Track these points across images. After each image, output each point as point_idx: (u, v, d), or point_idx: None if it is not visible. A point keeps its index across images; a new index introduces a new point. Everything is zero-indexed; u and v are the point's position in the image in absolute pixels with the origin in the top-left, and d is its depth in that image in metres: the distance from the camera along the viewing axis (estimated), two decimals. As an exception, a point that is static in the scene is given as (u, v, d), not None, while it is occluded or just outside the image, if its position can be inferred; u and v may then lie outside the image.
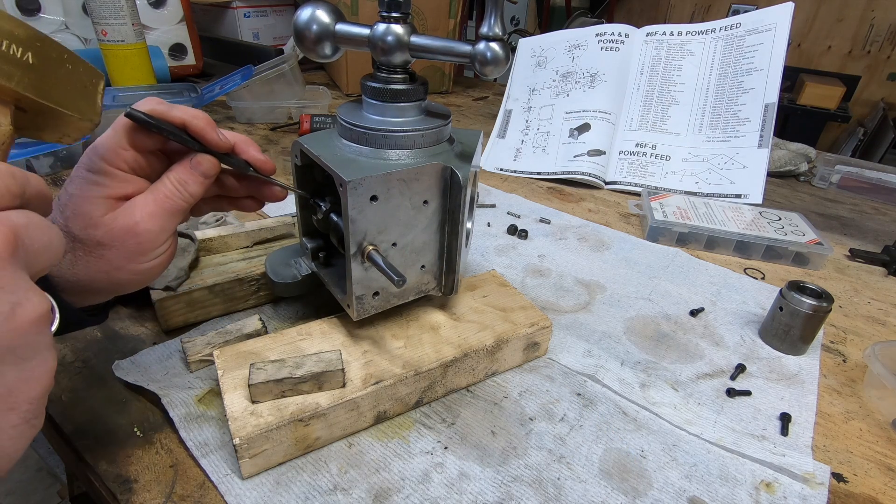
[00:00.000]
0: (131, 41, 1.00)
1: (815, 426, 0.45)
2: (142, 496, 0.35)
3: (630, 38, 0.97)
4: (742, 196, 0.84)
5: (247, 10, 1.54)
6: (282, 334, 0.44)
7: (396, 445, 0.40)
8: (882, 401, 0.47)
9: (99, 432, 0.40)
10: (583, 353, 0.51)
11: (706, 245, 0.72)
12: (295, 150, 0.45)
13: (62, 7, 1.15)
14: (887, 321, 0.60)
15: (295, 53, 1.13)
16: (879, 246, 0.75)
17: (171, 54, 1.29)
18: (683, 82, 0.93)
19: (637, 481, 0.39)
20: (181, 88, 0.99)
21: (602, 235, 0.74)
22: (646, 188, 0.86)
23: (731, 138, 0.88)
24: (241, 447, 0.35)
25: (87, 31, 1.18)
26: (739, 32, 0.90)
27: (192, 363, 0.45)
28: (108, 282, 0.35)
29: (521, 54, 1.06)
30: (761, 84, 0.87)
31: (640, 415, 0.45)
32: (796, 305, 0.51)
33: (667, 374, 0.49)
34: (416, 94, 0.42)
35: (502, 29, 0.39)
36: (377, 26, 0.40)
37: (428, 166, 0.40)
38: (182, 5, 1.27)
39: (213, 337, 0.46)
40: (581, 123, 0.94)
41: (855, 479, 0.41)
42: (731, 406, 0.46)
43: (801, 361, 0.52)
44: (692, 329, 0.56)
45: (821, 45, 2.62)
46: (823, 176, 0.99)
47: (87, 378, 0.44)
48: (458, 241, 0.44)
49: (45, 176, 0.80)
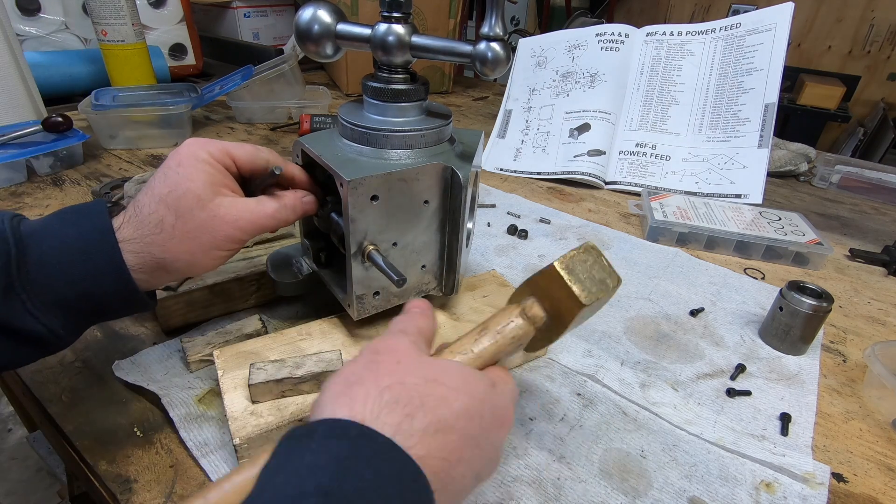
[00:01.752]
0: (131, 41, 1.00)
1: (815, 426, 0.45)
2: (142, 496, 0.35)
3: (630, 38, 0.97)
4: (742, 196, 0.84)
5: (247, 10, 1.54)
6: (282, 334, 0.44)
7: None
8: (882, 401, 0.47)
9: (99, 432, 0.40)
10: (583, 353, 0.51)
11: (706, 245, 0.72)
12: (296, 150, 0.45)
13: (62, 7, 1.15)
14: (887, 321, 0.60)
15: (295, 53, 1.13)
16: (879, 246, 0.75)
17: (171, 54, 1.29)
18: (683, 82, 0.93)
19: (637, 481, 0.39)
20: (181, 88, 0.99)
21: (602, 235, 0.74)
22: (646, 188, 0.86)
23: (731, 138, 0.88)
24: (241, 447, 0.35)
25: (87, 31, 1.18)
26: (739, 32, 0.90)
27: (192, 363, 0.45)
28: (186, 263, 0.36)
29: (521, 54, 1.06)
30: (761, 84, 0.87)
31: (640, 415, 0.45)
32: (796, 305, 0.51)
33: (667, 374, 0.49)
34: (416, 94, 0.42)
35: (503, 29, 0.39)
36: (378, 26, 0.40)
37: (429, 166, 0.40)
38: (182, 5, 1.27)
39: (213, 337, 0.46)
40: (581, 123, 0.94)
41: (855, 479, 0.41)
42: (731, 406, 0.46)
43: (801, 361, 0.52)
44: (692, 329, 0.56)
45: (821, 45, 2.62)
46: (823, 176, 0.99)
47: (87, 378, 0.44)
48: (458, 241, 0.44)
49: (45, 176, 0.80)
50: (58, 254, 0.33)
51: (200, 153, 0.37)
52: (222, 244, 0.37)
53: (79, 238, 0.33)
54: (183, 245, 0.36)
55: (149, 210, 0.35)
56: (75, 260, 0.33)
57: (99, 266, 0.33)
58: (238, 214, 0.37)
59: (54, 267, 0.32)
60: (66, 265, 0.33)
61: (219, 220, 0.36)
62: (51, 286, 0.32)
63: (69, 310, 0.33)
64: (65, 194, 0.75)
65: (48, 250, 0.32)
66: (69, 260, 0.33)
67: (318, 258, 0.50)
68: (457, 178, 0.41)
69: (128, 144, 0.92)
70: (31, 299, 0.32)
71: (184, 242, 0.36)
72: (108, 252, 0.33)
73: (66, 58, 1.12)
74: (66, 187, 0.77)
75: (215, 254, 0.37)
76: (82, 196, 0.74)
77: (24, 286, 0.31)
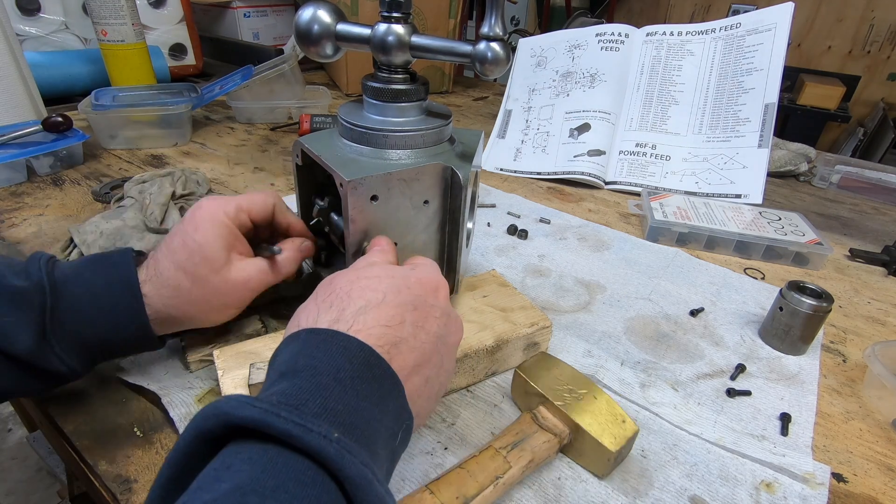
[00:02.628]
0: (131, 41, 1.00)
1: (815, 426, 0.45)
2: (142, 496, 0.35)
3: (630, 38, 0.97)
4: (742, 196, 0.84)
5: (247, 10, 1.54)
6: (281, 334, 0.44)
7: (397, 445, 0.40)
8: (882, 401, 0.47)
9: (99, 432, 0.40)
10: (583, 353, 0.51)
11: (706, 245, 0.72)
12: (296, 150, 0.45)
13: (62, 7, 1.15)
14: (887, 321, 0.60)
15: (295, 53, 1.13)
16: (879, 246, 0.75)
17: (171, 54, 1.29)
18: (683, 82, 0.93)
19: (637, 481, 0.39)
20: (181, 88, 0.99)
21: (602, 235, 0.74)
22: (646, 188, 0.86)
23: (731, 138, 0.88)
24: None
25: (87, 31, 1.18)
26: (739, 32, 0.90)
27: (192, 363, 0.44)
28: (198, 320, 0.41)
29: (521, 54, 1.06)
30: (761, 84, 0.87)
31: (640, 414, 0.45)
32: (796, 305, 0.51)
33: (667, 374, 0.49)
34: (416, 94, 0.42)
35: (503, 29, 0.39)
36: (378, 26, 0.40)
37: (429, 166, 0.40)
38: (182, 5, 1.27)
39: (213, 337, 0.46)
40: (581, 123, 0.94)
41: (855, 479, 0.41)
42: (731, 406, 0.46)
43: (801, 361, 0.52)
44: (692, 329, 0.56)
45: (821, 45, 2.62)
46: (823, 176, 0.99)
47: (88, 378, 0.44)
48: (458, 240, 0.44)
49: (45, 176, 0.80)
50: (87, 304, 0.36)
51: (218, 215, 0.40)
52: (233, 303, 0.42)
53: (106, 288, 0.37)
54: (197, 307, 0.39)
55: (168, 275, 0.38)
56: (103, 308, 0.36)
57: (123, 318, 0.37)
58: (248, 276, 0.41)
59: (83, 314, 0.36)
60: (95, 314, 0.36)
61: (231, 283, 0.40)
62: (78, 332, 0.36)
63: (90, 351, 0.37)
64: (65, 194, 0.75)
65: (79, 299, 0.36)
66: (97, 308, 0.36)
67: (319, 258, 0.50)
68: (457, 178, 0.41)
69: (128, 144, 0.92)
70: (59, 344, 0.35)
71: (198, 304, 0.39)
72: (134, 307, 0.37)
73: (66, 58, 1.12)
74: (66, 187, 0.77)
75: (226, 311, 0.42)
76: (82, 196, 0.74)
77: (54, 333, 0.34)
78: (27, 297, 0.34)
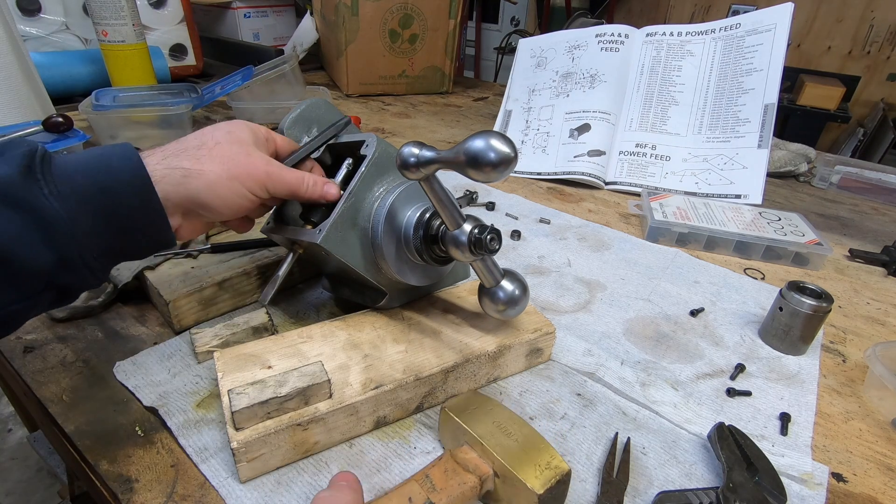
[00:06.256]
0: (132, 41, 1.00)
1: (814, 426, 0.45)
2: (143, 496, 0.35)
3: (630, 38, 0.97)
4: (742, 196, 0.84)
5: (247, 10, 1.55)
6: (283, 337, 0.44)
7: (397, 445, 0.40)
8: (882, 401, 0.47)
9: (100, 432, 0.40)
10: (583, 353, 0.51)
11: (706, 245, 0.72)
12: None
13: (62, 7, 1.15)
14: (887, 321, 0.60)
15: (295, 54, 1.13)
16: (879, 246, 0.75)
17: (171, 55, 1.29)
18: (683, 83, 0.93)
19: (638, 480, 0.39)
20: (181, 89, 0.99)
21: (602, 236, 0.74)
22: (646, 188, 0.86)
23: (730, 139, 0.88)
24: (239, 451, 0.35)
25: (88, 32, 1.18)
26: (739, 33, 0.90)
27: (200, 354, 0.45)
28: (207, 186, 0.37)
29: (521, 55, 1.06)
30: (761, 84, 0.87)
31: (641, 414, 0.45)
32: (796, 305, 0.51)
33: (667, 374, 0.49)
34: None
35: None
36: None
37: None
38: (182, 6, 1.27)
39: (221, 329, 0.47)
40: (581, 124, 0.94)
41: (854, 478, 0.41)
42: (731, 406, 0.46)
43: (801, 361, 0.52)
44: (692, 329, 0.56)
45: (821, 46, 2.62)
46: (823, 176, 0.99)
47: (88, 378, 0.45)
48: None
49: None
50: (81, 159, 0.34)
51: (249, 124, 0.42)
52: (247, 182, 0.39)
53: (102, 152, 0.34)
54: (212, 164, 0.37)
55: (193, 137, 0.39)
56: (96, 155, 0.34)
57: (115, 162, 0.34)
58: (270, 163, 0.40)
59: (75, 165, 0.33)
60: (86, 163, 0.33)
61: (253, 159, 0.39)
62: (69, 177, 0.32)
63: (88, 204, 0.32)
64: (65, 195, 0.75)
65: (71, 158, 0.34)
66: (88, 160, 0.34)
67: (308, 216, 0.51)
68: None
69: (128, 145, 0.92)
70: (48, 185, 0.31)
71: (214, 162, 0.37)
72: (129, 157, 0.34)
73: (67, 58, 1.12)
74: (67, 188, 0.77)
75: (238, 190, 0.38)
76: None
77: (44, 175, 0.31)
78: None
